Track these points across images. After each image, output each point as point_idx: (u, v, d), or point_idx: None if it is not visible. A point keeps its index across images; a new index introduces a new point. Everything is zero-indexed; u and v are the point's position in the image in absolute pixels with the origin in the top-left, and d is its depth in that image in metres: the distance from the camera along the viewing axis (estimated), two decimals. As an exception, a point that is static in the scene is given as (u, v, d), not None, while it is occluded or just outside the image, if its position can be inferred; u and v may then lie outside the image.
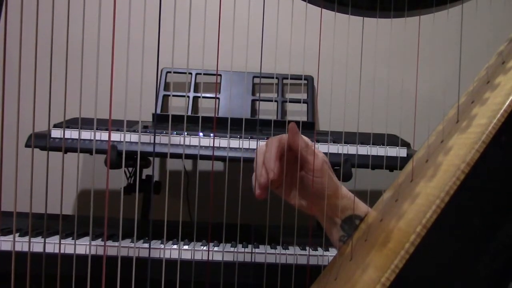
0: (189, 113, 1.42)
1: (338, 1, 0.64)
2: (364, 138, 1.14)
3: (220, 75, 1.45)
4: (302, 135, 0.68)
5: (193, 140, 1.08)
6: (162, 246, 0.97)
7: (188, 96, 1.44)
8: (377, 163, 1.07)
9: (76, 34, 0.61)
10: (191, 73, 1.46)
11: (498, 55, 0.65)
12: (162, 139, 1.07)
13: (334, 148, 1.10)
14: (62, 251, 0.92)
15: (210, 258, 0.97)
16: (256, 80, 1.48)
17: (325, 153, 1.08)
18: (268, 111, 1.53)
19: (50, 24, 0.58)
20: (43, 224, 0.65)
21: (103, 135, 1.07)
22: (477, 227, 0.49)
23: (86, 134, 1.06)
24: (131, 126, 1.19)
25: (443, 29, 0.70)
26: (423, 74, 0.74)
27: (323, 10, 0.66)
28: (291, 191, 0.71)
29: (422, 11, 0.64)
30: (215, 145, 1.09)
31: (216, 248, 0.99)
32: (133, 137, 1.08)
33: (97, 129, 1.07)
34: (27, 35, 0.58)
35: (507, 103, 0.49)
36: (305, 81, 1.48)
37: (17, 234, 0.97)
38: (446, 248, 0.49)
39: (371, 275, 0.50)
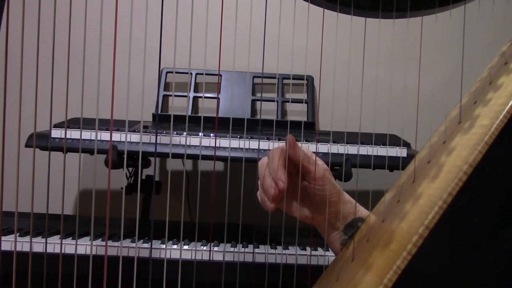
0: (190, 113, 1.42)
1: (340, 2, 0.64)
2: (364, 138, 1.14)
3: (221, 75, 1.45)
4: (300, 146, 0.68)
5: (194, 140, 1.08)
6: (163, 246, 0.97)
7: (189, 96, 1.44)
8: (377, 163, 1.07)
9: (78, 34, 0.61)
10: (191, 73, 1.46)
11: (500, 55, 0.65)
12: (162, 139, 1.06)
13: (335, 148, 1.10)
14: (63, 251, 0.92)
15: (211, 258, 0.96)
16: (257, 80, 1.48)
17: (326, 153, 1.09)
18: (268, 111, 1.53)
19: (51, 24, 0.58)
20: (44, 224, 0.65)
21: (103, 135, 1.07)
22: (480, 229, 0.49)
23: (86, 134, 1.06)
24: (131, 126, 1.19)
25: (446, 30, 0.70)
26: (425, 74, 0.74)
27: (325, 10, 0.66)
28: (293, 203, 0.71)
29: (425, 11, 0.64)
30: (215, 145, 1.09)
31: (216, 248, 0.98)
32: (134, 137, 1.08)
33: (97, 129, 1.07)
34: (29, 35, 0.57)
35: (509, 104, 0.49)
36: (306, 81, 1.48)
37: (18, 234, 0.97)
38: (448, 250, 0.49)
39: (373, 276, 0.50)
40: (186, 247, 0.99)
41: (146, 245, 0.98)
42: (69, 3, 0.59)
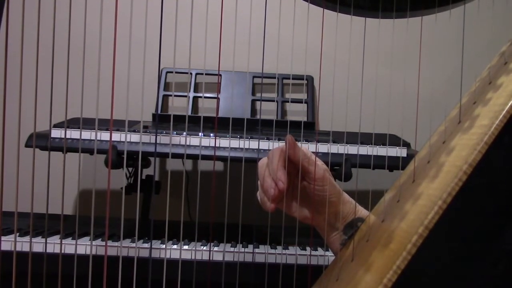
0: (189, 113, 1.42)
1: (340, 1, 0.64)
2: (364, 138, 1.14)
3: (220, 75, 1.45)
4: (300, 147, 0.68)
5: (194, 140, 1.08)
6: (163, 246, 0.97)
7: (189, 96, 1.44)
8: (377, 163, 1.07)
9: (78, 34, 0.61)
10: (191, 73, 1.46)
11: (500, 55, 0.65)
12: (162, 139, 1.06)
13: (335, 148, 1.10)
14: (62, 251, 0.92)
15: (211, 258, 0.97)
16: (256, 80, 1.48)
17: (326, 153, 1.09)
18: (268, 111, 1.53)
19: (51, 24, 0.58)
20: (44, 224, 0.65)
21: (103, 135, 1.07)
22: (479, 229, 0.49)
23: (85, 134, 1.06)
24: (131, 126, 1.19)
25: (445, 30, 0.70)
26: (425, 74, 0.74)
27: (325, 10, 0.66)
28: (293, 204, 0.71)
29: (424, 11, 0.64)
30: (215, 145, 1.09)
31: (216, 248, 0.98)
32: (133, 137, 1.08)
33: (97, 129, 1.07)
34: (29, 34, 0.58)
35: (509, 104, 0.50)
36: (305, 81, 1.48)
37: (18, 234, 0.97)
38: (448, 250, 0.49)
39: (373, 276, 0.50)
40: (186, 247, 0.99)
41: (146, 245, 0.98)
42: (69, 3, 0.59)
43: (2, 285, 0.65)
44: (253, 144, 1.09)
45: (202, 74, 1.46)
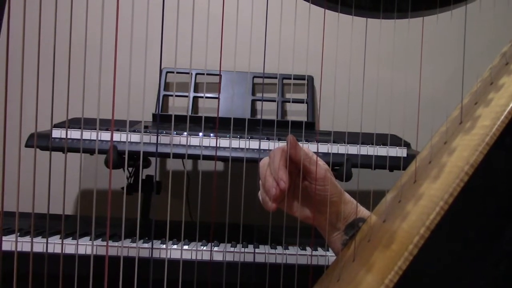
0: (190, 113, 1.42)
1: (341, 2, 0.64)
2: (365, 138, 1.14)
3: (221, 75, 1.45)
4: (301, 146, 0.68)
5: (194, 140, 1.08)
6: (164, 246, 0.97)
7: (189, 96, 1.44)
8: (378, 163, 1.07)
9: (79, 34, 0.61)
10: (191, 73, 1.46)
11: (501, 56, 0.65)
12: (163, 139, 1.06)
13: (335, 148, 1.10)
14: (63, 251, 0.92)
15: (212, 258, 0.97)
16: (256, 80, 1.48)
17: (326, 153, 1.09)
18: (268, 111, 1.53)
19: (52, 25, 0.58)
20: (45, 224, 0.65)
21: (103, 135, 1.07)
22: (481, 229, 0.49)
23: (86, 134, 1.06)
24: (132, 126, 1.19)
25: (447, 30, 0.70)
26: (426, 74, 0.74)
27: (326, 10, 0.66)
28: (294, 204, 0.71)
29: (426, 12, 0.64)
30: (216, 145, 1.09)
31: (217, 248, 0.99)
32: (134, 137, 1.08)
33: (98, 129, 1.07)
34: (30, 35, 0.57)
35: (510, 105, 0.49)
36: (306, 81, 1.48)
37: (18, 234, 0.97)
38: (449, 250, 0.49)
39: (374, 277, 0.50)
40: (186, 247, 0.99)
41: (146, 245, 0.98)
42: (70, 3, 0.59)
43: (3, 285, 0.65)
44: (254, 144, 1.09)
45: (202, 74, 1.46)
